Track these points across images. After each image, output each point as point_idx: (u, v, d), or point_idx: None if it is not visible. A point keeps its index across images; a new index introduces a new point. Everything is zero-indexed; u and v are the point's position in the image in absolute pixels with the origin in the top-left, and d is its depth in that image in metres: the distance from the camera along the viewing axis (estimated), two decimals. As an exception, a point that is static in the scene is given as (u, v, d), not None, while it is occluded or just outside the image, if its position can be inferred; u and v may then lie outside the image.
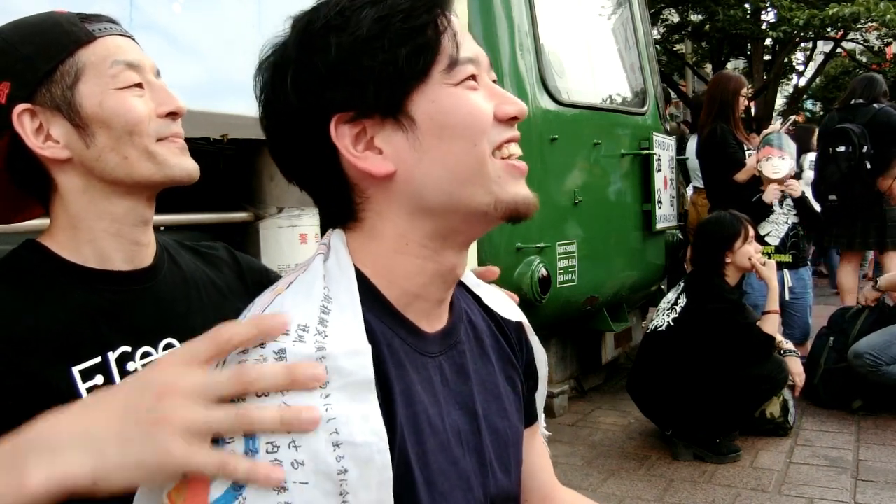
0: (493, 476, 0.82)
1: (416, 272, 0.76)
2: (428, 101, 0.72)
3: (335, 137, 0.72)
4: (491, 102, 0.75)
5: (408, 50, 0.70)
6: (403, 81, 0.71)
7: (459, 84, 0.73)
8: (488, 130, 0.74)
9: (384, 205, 0.75)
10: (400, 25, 0.70)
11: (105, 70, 0.94)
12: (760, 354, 3.16)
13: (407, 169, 0.73)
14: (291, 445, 0.60)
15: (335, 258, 0.75)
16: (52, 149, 0.93)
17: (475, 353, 0.86)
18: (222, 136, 2.08)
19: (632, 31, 4.49)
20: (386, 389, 0.70)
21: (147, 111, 0.96)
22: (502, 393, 0.88)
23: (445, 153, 0.72)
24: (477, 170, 0.73)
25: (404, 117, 0.72)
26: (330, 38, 0.71)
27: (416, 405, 0.73)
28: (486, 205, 0.74)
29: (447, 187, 0.73)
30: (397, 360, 0.73)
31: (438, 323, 0.81)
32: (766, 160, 4.03)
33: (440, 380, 0.78)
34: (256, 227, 2.35)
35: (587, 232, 3.82)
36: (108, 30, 0.97)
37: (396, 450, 0.68)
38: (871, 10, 9.41)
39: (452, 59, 0.73)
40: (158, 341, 0.98)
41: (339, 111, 0.72)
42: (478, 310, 0.93)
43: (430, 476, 0.72)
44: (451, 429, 0.77)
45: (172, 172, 0.98)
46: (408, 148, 0.72)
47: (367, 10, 0.71)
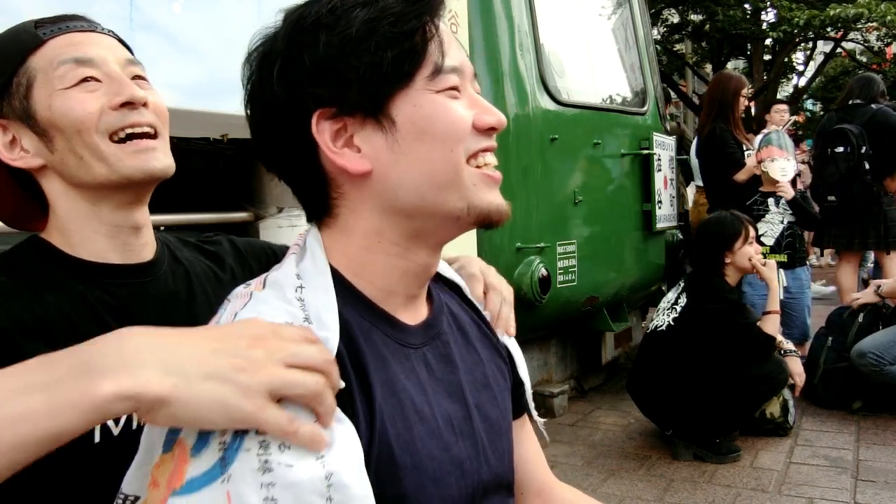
0: (487, 462, 0.83)
1: (389, 269, 0.78)
2: (410, 105, 0.74)
3: (315, 132, 0.74)
4: (471, 111, 0.77)
5: (394, 53, 0.72)
6: (387, 84, 0.73)
7: (441, 92, 0.75)
8: (465, 138, 0.76)
9: (358, 202, 0.77)
10: (388, 29, 0.72)
11: (52, 72, 0.92)
12: (760, 354, 3.16)
13: (383, 169, 0.74)
14: (282, 447, 0.62)
15: (310, 258, 0.77)
16: (25, 159, 0.94)
17: (460, 344, 0.87)
18: (222, 136, 2.08)
19: (632, 31, 4.49)
20: (364, 380, 0.71)
21: (97, 106, 0.92)
22: (491, 381, 0.89)
23: (422, 157, 0.74)
24: (452, 175, 0.75)
25: (385, 119, 0.74)
26: (319, 35, 0.72)
27: (400, 393, 0.74)
28: (458, 210, 0.76)
29: (421, 190, 0.75)
30: (377, 353, 0.75)
31: (418, 315, 0.83)
32: (772, 161, 4.02)
33: (425, 370, 0.80)
34: (256, 227, 2.35)
35: (587, 232, 3.82)
36: (62, 29, 0.95)
37: (376, 437, 0.70)
38: (871, 10, 9.41)
39: (437, 67, 0.75)
40: None
41: (321, 106, 0.73)
42: (459, 302, 0.94)
43: (419, 461, 0.73)
44: (442, 416, 0.78)
45: (128, 174, 0.94)
46: (386, 149, 0.74)
47: (358, 10, 0.72)
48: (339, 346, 0.70)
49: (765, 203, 4.07)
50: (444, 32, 0.77)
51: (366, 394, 0.71)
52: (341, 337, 0.71)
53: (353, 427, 0.66)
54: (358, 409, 0.69)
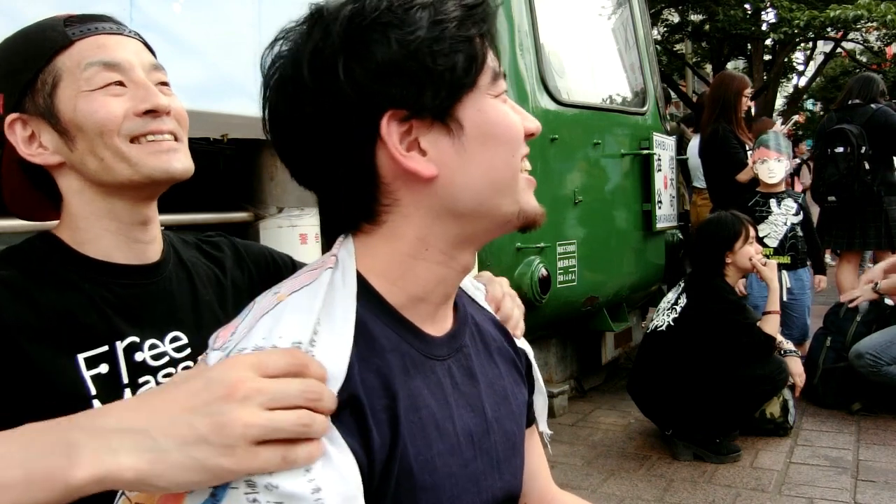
0: (502, 477, 0.83)
1: (429, 276, 0.77)
2: (475, 109, 0.74)
3: (385, 133, 0.71)
4: (517, 115, 0.78)
5: (463, 57, 0.72)
6: (459, 87, 0.72)
7: (498, 96, 0.76)
8: (522, 143, 0.77)
9: (412, 207, 0.75)
10: (455, 32, 0.71)
11: (79, 73, 0.93)
12: (761, 355, 3.16)
13: (449, 173, 0.73)
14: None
15: (341, 271, 0.75)
16: (43, 155, 0.95)
17: (482, 356, 0.87)
18: (222, 136, 2.08)
19: (632, 31, 4.49)
20: (390, 396, 0.70)
21: (121, 110, 0.94)
22: (509, 395, 0.88)
23: (487, 161, 0.74)
24: (511, 180, 0.76)
25: (453, 122, 0.73)
26: (389, 33, 0.70)
27: (422, 410, 0.73)
28: (511, 214, 0.77)
29: (482, 194, 0.75)
30: (403, 367, 0.73)
31: (444, 326, 0.82)
32: (762, 163, 4.03)
33: (450, 382, 0.79)
34: (256, 227, 2.35)
35: (587, 232, 3.82)
36: (91, 30, 0.96)
37: (397, 458, 0.69)
38: (871, 11, 9.41)
39: (495, 72, 0.76)
40: (165, 334, 0.99)
41: (393, 107, 0.71)
42: (482, 313, 0.94)
43: (437, 480, 0.72)
44: (462, 431, 0.77)
45: (149, 173, 0.95)
46: (452, 153, 0.73)
47: (419, 11, 0.71)
48: (353, 360, 0.69)
49: (766, 204, 4.07)
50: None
51: (391, 410, 0.70)
52: (363, 352, 0.70)
53: (345, 445, 0.65)
54: (373, 428, 0.68)
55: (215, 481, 0.61)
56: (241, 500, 0.60)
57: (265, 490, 0.60)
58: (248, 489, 0.60)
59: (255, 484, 0.60)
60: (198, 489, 0.62)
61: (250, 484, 0.60)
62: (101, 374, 0.91)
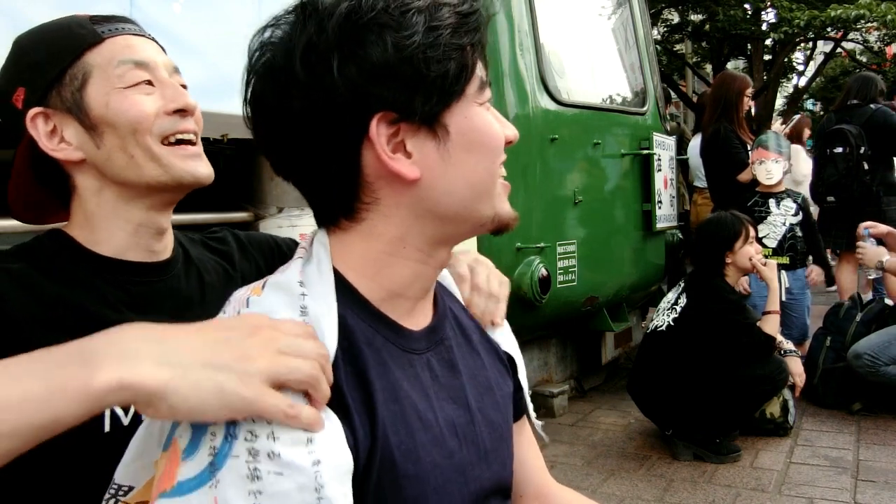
0: (489, 467, 0.83)
1: (406, 273, 0.78)
2: (462, 116, 0.75)
3: (374, 134, 0.71)
4: (498, 123, 0.79)
5: (455, 64, 0.73)
6: (449, 94, 0.73)
7: (482, 104, 0.77)
8: (502, 151, 0.79)
9: (393, 208, 0.76)
10: (448, 39, 0.72)
11: (111, 70, 0.94)
12: (761, 355, 3.16)
13: (432, 177, 0.74)
14: (269, 436, 0.62)
15: (316, 262, 0.76)
16: (65, 150, 0.95)
17: (463, 348, 0.87)
18: (222, 136, 2.08)
19: (632, 31, 4.49)
20: (366, 388, 0.71)
21: (153, 109, 0.95)
22: (493, 386, 0.89)
23: (471, 167, 0.76)
24: (490, 186, 0.78)
25: (440, 128, 0.74)
26: (385, 35, 0.70)
27: (403, 400, 0.74)
28: (487, 217, 0.79)
29: (465, 199, 0.76)
30: (379, 359, 0.74)
31: (422, 320, 0.83)
32: (759, 163, 4.03)
33: (429, 375, 0.79)
34: (256, 228, 2.35)
35: (587, 232, 3.82)
36: (118, 30, 0.97)
37: (378, 447, 0.69)
38: (872, 10, 9.40)
39: (482, 81, 0.77)
40: None
41: (384, 109, 0.71)
42: (461, 307, 0.94)
43: (421, 470, 0.73)
44: (445, 422, 0.78)
45: (179, 176, 0.97)
46: (437, 157, 0.74)
47: (416, 15, 0.71)
48: (338, 354, 0.70)
49: (765, 204, 4.07)
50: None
51: (367, 402, 0.70)
52: (343, 344, 0.71)
53: (340, 424, 0.66)
54: (356, 419, 0.69)
55: (226, 411, 0.62)
56: (242, 469, 0.61)
57: (267, 459, 0.61)
58: (249, 457, 0.61)
59: (257, 452, 0.61)
60: (208, 420, 0.62)
61: (252, 452, 0.61)
62: None
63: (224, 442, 0.62)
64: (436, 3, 0.73)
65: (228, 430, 0.62)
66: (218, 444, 0.62)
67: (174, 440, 0.64)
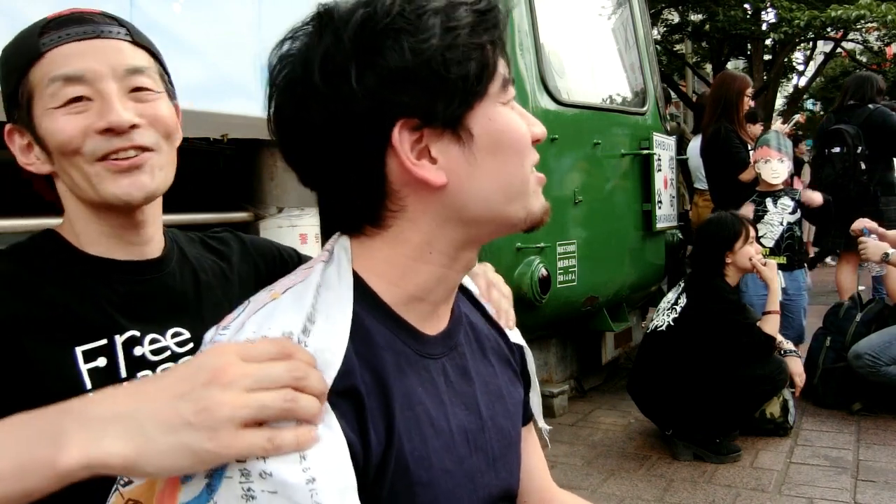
0: (497, 475, 0.83)
1: (430, 278, 0.77)
2: (485, 117, 0.73)
3: (397, 142, 0.70)
4: (524, 122, 0.77)
5: (475, 65, 0.71)
6: (470, 96, 0.72)
7: (506, 104, 0.75)
8: (531, 150, 0.77)
9: (419, 213, 0.74)
10: (467, 40, 0.70)
11: (44, 89, 0.91)
12: (761, 355, 3.16)
13: (459, 181, 0.73)
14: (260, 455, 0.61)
15: (335, 266, 0.75)
16: (36, 164, 0.96)
17: (476, 355, 0.87)
18: (222, 136, 2.08)
19: (632, 31, 4.49)
20: (384, 393, 0.70)
21: (78, 130, 0.90)
22: (504, 393, 0.89)
23: (498, 169, 0.74)
24: (522, 187, 0.76)
25: (463, 131, 0.72)
26: (402, 40, 0.69)
27: (416, 407, 0.73)
28: (520, 218, 0.77)
29: (492, 201, 0.75)
30: (397, 364, 0.73)
31: (439, 325, 0.82)
32: (765, 162, 4.02)
33: (444, 381, 0.79)
34: (256, 228, 2.35)
35: (587, 232, 3.82)
36: (63, 38, 0.92)
37: (393, 453, 0.69)
38: (872, 11, 9.41)
39: (505, 79, 0.75)
40: (166, 329, 0.99)
41: (405, 116, 0.70)
42: (477, 313, 0.94)
43: (433, 477, 0.72)
44: (457, 428, 0.78)
45: (107, 197, 0.93)
46: (462, 161, 0.73)
47: (431, 17, 0.70)
48: (355, 357, 0.69)
49: (763, 203, 4.07)
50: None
51: (385, 407, 0.70)
52: (360, 349, 0.70)
53: (342, 433, 0.65)
54: (371, 424, 0.68)
55: (202, 466, 0.61)
56: (236, 490, 0.60)
57: (259, 479, 0.60)
58: (242, 478, 0.60)
59: (249, 473, 0.60)
60: (190, 473, 0.62)
61: (245, 473, 0.60)
62: (99, 367, 0.91)
63: None
64: (452, 3, 0.71)
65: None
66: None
67: None
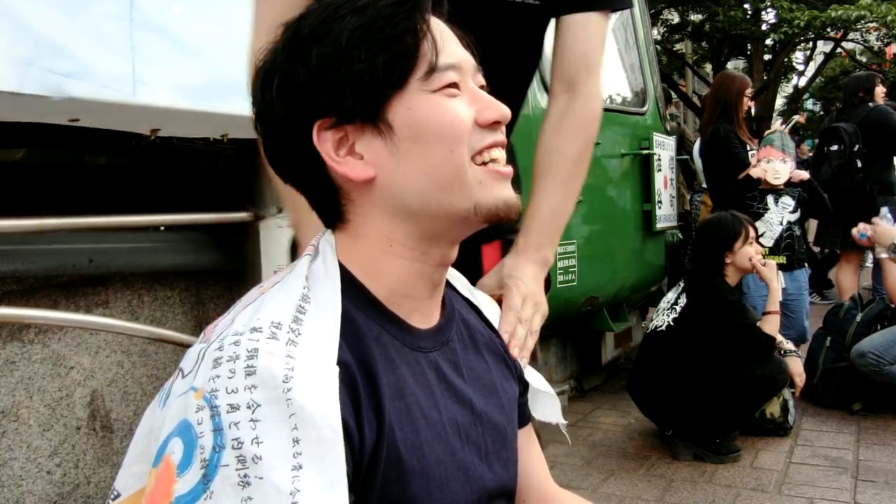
0: (492, 469, 0.83)
1: (403, 272, 0.78)
2: (405, 108, 0.73)
3: (317, 143, 0.74)
4: (472, 108, 0.75)
5: (385, 58, 0.72)
6: (381, 89, 0.72)
7: (438, 91, 0.74)
8: (466, 137, 0.74)
9: (367, 207, 0.76)
10: (379, 33, 0.72)
11: None
12: (761, 355, 3.16)
13: (386, 174, 0.74)
14: (255, 441, 0.62)
15: (321, 259, 0.77)
16: None
17: (469, 351, 0.87)
18: (222, 136, 2.07)
19: (632, 31, 4.49)
20: (373, 383, 0.71)
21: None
22: (498, 389, 0.89)
23: (423, 160, 0.73)
24: (455, 176, 0.74)
25: (382, 124, 0.73)
26: (312, 48, 0.72)
27: (408, 397, 0.74)
28: (465, 210, 0.75)
29: (426, 193, 0.74)
30: (386, 356, 0.74)
31: (430, 319, 0.83)
32: (768, 162, 4.02)
33: (435, 374, 0.79)
34: (256, 227, 2.35)
35: (587, 232, 3.82)
36: None
37: (384, 442, 0.70)
38: (872, 11, 9.40)
39: (431, 66, 0.74)
40: None
41: (320, 118, 0.73)
42: (472, 311, 0.95)
43: (426, 465, 0.73)
44: (449, 421, 0.78)
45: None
46: (386, 154, 0.74)
47: (349, 18, 0.72)
48: (347, 349, 0.70)
49: (763, 201, 4.06)
50: (439, 29, 0.76)
51: (374, 397, 0.70)
52: (350, 340, 0.71)
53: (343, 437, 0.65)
54: (364, 414, 0.69)
55: None
56: (232, 477, 0.61)
57: (253, 463, 0.61)
58: (238, 465, 0.61)
59: (244, 459, 0.61)
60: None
61: (241, 459, 0.61)
62: None
63: (213, 453, 0.62)
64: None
65: (216, 441, 0.62)
66: (207, 455, 0.62)
67: (166, 457, 0.64)
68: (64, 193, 1.97)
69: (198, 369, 0.67)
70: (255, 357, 0.64)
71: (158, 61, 1.15)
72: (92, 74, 1.36)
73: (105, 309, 1.99)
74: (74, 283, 1.91)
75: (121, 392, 2.03)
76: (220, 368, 0.64)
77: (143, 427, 0.75)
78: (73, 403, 1.91)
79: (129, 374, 2.05)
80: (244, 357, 0.64)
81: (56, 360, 1.86)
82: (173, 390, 0.69)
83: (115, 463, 2.00)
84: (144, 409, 0.76)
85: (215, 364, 0.65)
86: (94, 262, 1.87)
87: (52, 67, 1.26)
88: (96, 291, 1.98)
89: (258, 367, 0.63)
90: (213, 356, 0.66)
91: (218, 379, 0.64)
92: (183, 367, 0.70)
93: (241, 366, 0.64)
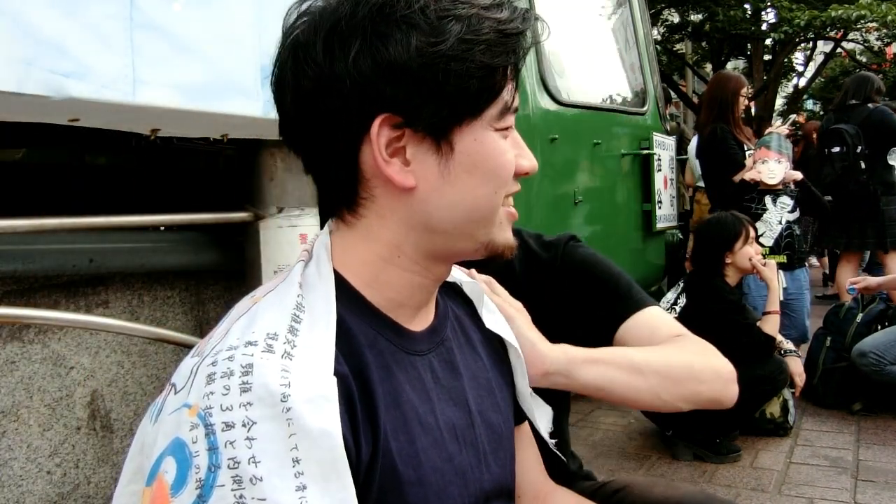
0: (489, 469, 0.82)
1: (403, 283, 0.77)
2: (471, 138, 0.72)
3: (374, 134, 0.70)
4: (513, 153, 0.77)
5: (479, 85, 0.70)
6: (462, 112, 0.71)
7: (499, 130, 0.74)
8: (510, 182, 0.76)
9: (387, 209, 0.74)
10: (480, 57, 0.69)
11: None
12: (761, 355, 3.15)
13: (428, 190, 0.73)
14: (251, 461, 0.60)
15: (315, 265, 0.75)
16: None
17: (464, 349, 0.87)
18: (222, 136, 2.07)
19: (632, 31, 4.49)
20: (369, 394, 0.70)
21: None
22: (494, 387, 0.88)
23: (469, 190, 0.73)
24: (489, 214, 0.76)
25: (445, 144, 0.72)
26: (411, 35, 0.67)
27: (404, 405, 0.73)
28: (480, 243, 0.77)
29: (457, 220, 0.74)
30: (382, 363, 0.73)
31: (424, 321, 0.82)
32: (763, 163, 4.02)
33: (431, 377, 0.79)
34: (256, 227, 2.35)
35: (587, 232, 3.82)
36: None
37: (380, 454, 0.69)
38: (872, 11, 9.40)
39: (506, 106, 0.74)
40: None
41: (390, 110, 0.69)
42: (463, 307, 0.94)
43: (422, 475, 0.72)
44: (446, 425, 0.77)
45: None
46: (437, 173, 0.72)
47: (452, 23, 0.68)
48: (343, 360, 0.68)
49: (762, 201, 4.06)
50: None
51: (370, 408, 0.70)
52: (344, 349, 0.70)
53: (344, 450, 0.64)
54: (361, 426, 0.68)
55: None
56: (228, 498, 0.60)
57: (250, 484, 0.60)
58: (234, 486, 0.60)
59: (241, 479, 0.60)
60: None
61: (237, 480, 0.60)
62: None
63: (208, 473, 0.61)
64: (480, 15, 0.69)
65: (211, 461, 0.61)
66: (203, 475, 0.61)
67: (159, 476, 0.63)
68: (64, 193, 1.97)
69: (191, 385, 0.65)
70: (249, 373, 0.62)
71: (158, 61, 1.14)
72: (92, 74, 1.36)
73: (105, 309, 1.99)
74: (74, 283, 1.91)
75: (121, 392, 2.03)
76: (214, 385, 0.63)
77: (136, 444, 0.74)
78: (73, 403, 1.91)
79: (129, 374, 2.05)
80: (238, 373, 0.63)
81: (56, 360, 1.86)
82: (165, 406, 0.67)
83: (115, 463, 2.00)
84: (144, 409, 0.76)
85: (209, 380, 0.63)
86: (94, 262, 1.87)
87: (53, 67, 1.26)
88: (96, 291, 1.98)
89: (254, 384, 0.62)
90: (206, 371, 0.64)
91: (212, 396, 0.62)
92: (175, 383, 0.68)
93: (235, 382, 0.62)
